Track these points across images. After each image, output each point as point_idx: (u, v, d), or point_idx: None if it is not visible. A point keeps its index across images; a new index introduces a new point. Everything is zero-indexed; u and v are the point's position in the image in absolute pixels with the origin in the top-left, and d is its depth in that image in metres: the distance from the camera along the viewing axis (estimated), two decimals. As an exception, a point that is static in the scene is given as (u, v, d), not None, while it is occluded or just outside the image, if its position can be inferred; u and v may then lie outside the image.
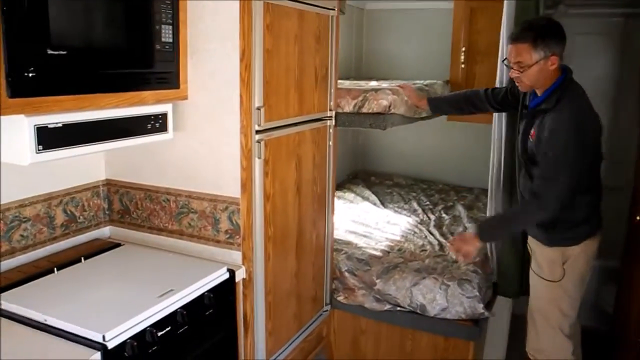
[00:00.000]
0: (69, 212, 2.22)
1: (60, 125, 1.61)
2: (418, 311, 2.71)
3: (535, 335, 2.53)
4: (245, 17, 1.93)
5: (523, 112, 2.47)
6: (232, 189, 2.07)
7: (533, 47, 2.22)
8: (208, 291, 1.91)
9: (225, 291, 2.03)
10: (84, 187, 2.29)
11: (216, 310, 1.95)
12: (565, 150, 2.18)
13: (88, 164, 2.30)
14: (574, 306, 2.46)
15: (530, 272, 2.58)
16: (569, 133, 2.18)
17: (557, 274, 2.42)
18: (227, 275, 2.02)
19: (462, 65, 3.85)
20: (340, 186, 4.48)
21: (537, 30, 2.24)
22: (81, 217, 2.28)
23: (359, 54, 4.80)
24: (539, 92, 2.34)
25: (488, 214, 2.98)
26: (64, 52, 1.53)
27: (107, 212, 2.40)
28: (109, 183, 2.37)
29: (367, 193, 4.24)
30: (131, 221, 2.34)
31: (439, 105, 2.99)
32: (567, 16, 3.95)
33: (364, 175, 4.88)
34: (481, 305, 2.62)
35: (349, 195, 4.16)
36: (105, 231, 2.41)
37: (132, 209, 2.33)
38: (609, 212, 4.19)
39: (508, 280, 2.89)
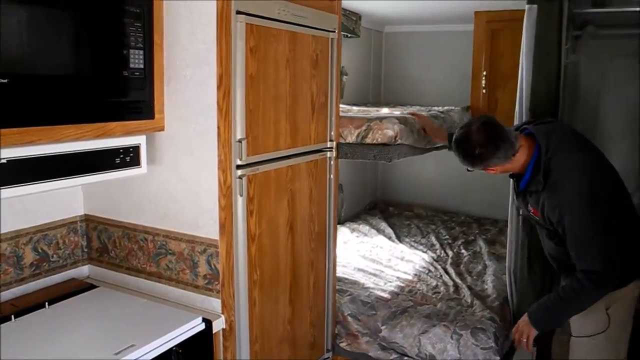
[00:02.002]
0: (40, 251, 2.05)
1: (4, 161, 1.44)
2: (427, 362, 2.45)
3: None
4: (224, 39, 1.74)
5: (515, 189, 2.31)
6: (210, 229, 1.87)
7: (466, 162, 2.14)
8: (177, 345, 1.69)
9: (200, 344, 1.81)
10: (59, 223, 2.12)
11: (187, 367, 1.73)
12: (587, 222, 1.99)
13: (64, 198, 2.12)
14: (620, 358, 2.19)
15: (571, 340, 2.26)
16: (580, 205, 1.99)
17: (602, 322, 2.12)
18: (202, 327, 1.80)
19: (484, 90, 3.62)
20: (356, 217, 4.27)
21: (459, 151, 2.13)
22: (55, 255, 2.11)
23: (377, 79, 4.61)
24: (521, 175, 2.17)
25: (508, 254, 2.70)
26: (4, 81, 1.36)
27: (85, 250, 2.22)
28: (87, 219, 2.20)
29: (383, 225, 3.99)
30: (110, 260, 2.16)
31: None
32: (598, 37, 3.69)
33: (382, 205, 4.65)
34: (498, 358, 2.35)
35: (364, 228, 3.93)
36: (84, 270, 2.23)
37: (111, 247, 2.14)
38: None
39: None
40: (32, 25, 1.41)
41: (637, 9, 3.01)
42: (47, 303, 1.86)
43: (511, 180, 2.37)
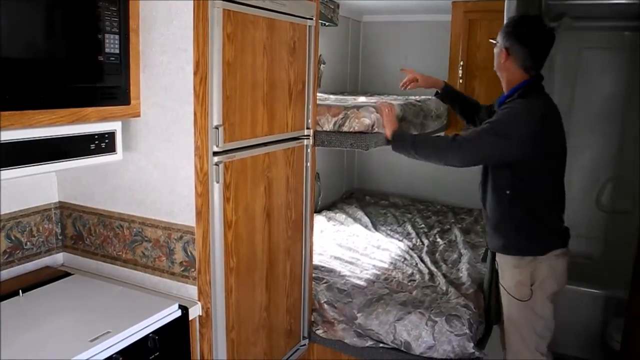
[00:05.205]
0: (13, 238, 2.02)
1: (-29, 146, 1.42)
2: (402, 349, 2.47)
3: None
4: (201, 25, 1.73)
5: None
6: (186, 216, 1.86)
7: (500, 32, 2.35)
8: (153, 332, 1.69)
9: (176, 331, 1.81)
10: (32, 210, 2.09)
11: (163, 354, 1.73)
12: (503, 125, 2.21)
13: (37, 185, 2.10)
14: (549, 327, 2.37)
15: (500, 289, 2.44)
16: (511, 118, 2.22)
17: (525, 294, 2.31)
18: (178, 313, 1.80)
19: (460, 80, 3.65)
20: (333, 206, 4.28)
21: (510, 21, 2.38)
22: (29, 243, 2.08)
23: (354, 68, 4.61)
24: (505, 92, 2.37)
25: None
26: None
27: (59, 238, 2.20)
28: (62, 206, 2.17)
29: (360, 214, 4.01)
30: (85, 248, 2.14)
31: (449, 91, 2.93)
32: (573, 29, 3.74)
33: (359, 194, 4.66)
34: (471, 344, 2.38)
35: (340, 217, 3.94)
36: (58, 258, 2.21)
37: (86, 234, 2.12)
38: (616, 237, 4.03)
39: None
40: (3, 8, 1.38)
41: (611, 1, 3.06)
42: (20, 291, 1.84)
43: None
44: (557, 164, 2.32)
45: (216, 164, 1.85)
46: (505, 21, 2.61)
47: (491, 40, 2.44)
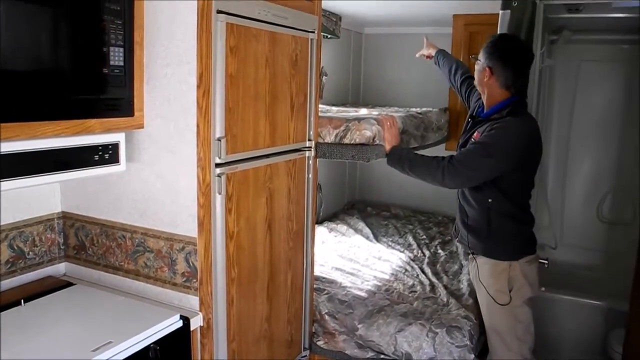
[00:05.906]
0: (15, 248, 2.03)
1: (-22, 157, 1.43)
2: (403, 360, 2.48)
3: None
4: (204, 38, 1.75)
5: (469, 123, 2.56)
6: (188, 227, 1.87)
7: (482, 50, 2.45)
8: (154, 343, 1.70)
9: (178, 342, 1.82)
10: (35, 220, 2.10)
11: (164, 365, 1.74)
12: (499, 146, 2.28)
13: (41, 195, 2.11)
14: (529, 331, 2.46)
15: (480, 298, 2.53)
16: (505, 136, 2.29)
17: (505, 299, 2.41)
18: (180, 324, 1.81)
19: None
20: (334, 217, 4.29)
21: (491, 40, 2.44)
22: (31, 252, 2.09)
23: (356, 80, 4.64)
24: (486, 107, 2.47)
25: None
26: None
27: (62, 248, 2.21)
28: (64, 216, 2.19)
29: (361, 225, 4.02)
30: (87, 258, 2.15)
31: (444, 55, 3.20)
32: (572, 42, 3.78)
33: (360, 205, 4.67)
34: (472, 356, 2.39)
35: (342, 228, 3.95)
36: (61, 268, 2.22)
37: (88, 244, 2.14)
38: (616, 248, 4.03)
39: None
40: (10, 21, 1.40)
41: (610, 15, 3.09)
42: (22, 301, 1.85)
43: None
44: (532, 176, 2.46)
45: (218, 176, 1.87)
46: (498, 32, 2.65)
47: (472, 57, 2.54)
